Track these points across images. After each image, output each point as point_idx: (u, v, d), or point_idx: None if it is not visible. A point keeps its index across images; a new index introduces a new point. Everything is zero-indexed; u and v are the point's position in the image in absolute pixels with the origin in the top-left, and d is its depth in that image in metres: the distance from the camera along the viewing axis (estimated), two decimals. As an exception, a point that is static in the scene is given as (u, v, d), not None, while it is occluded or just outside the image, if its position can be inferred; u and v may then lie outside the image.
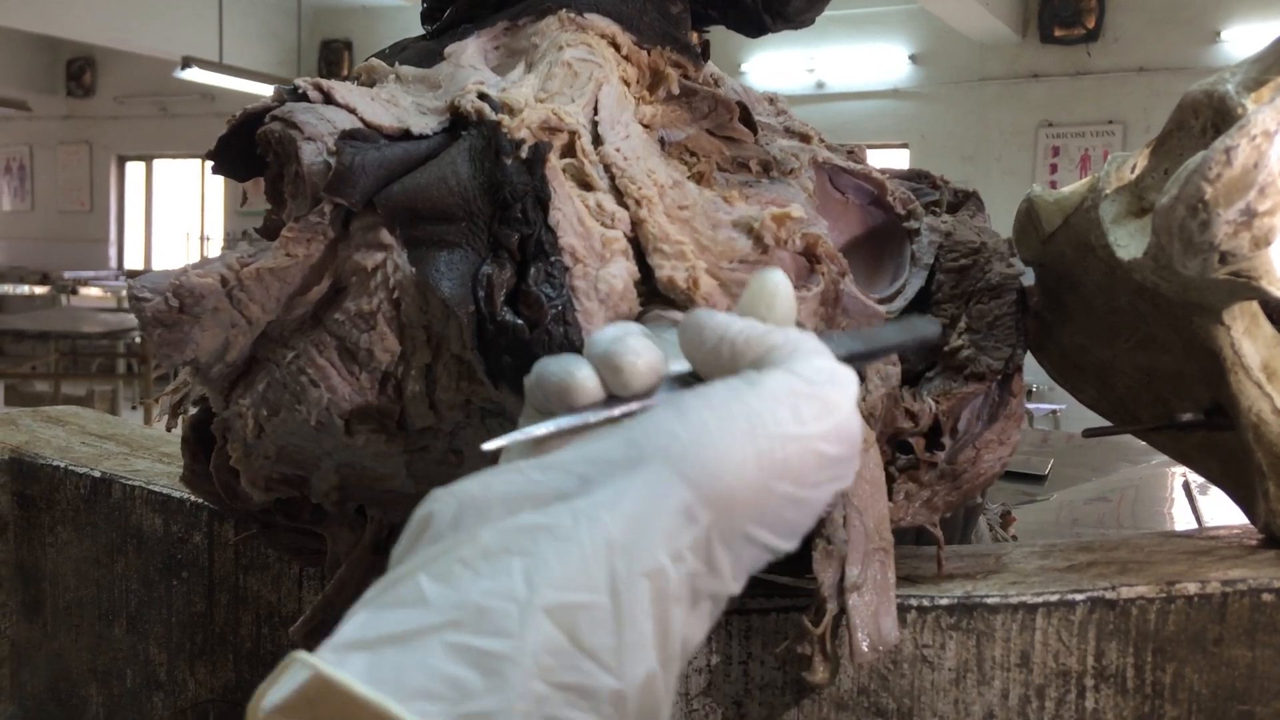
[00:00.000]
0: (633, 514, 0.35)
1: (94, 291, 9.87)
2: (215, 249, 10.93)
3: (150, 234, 11.66)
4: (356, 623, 0.34)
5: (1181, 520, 1.67)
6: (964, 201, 0.83)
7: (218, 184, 10.83)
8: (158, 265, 11.32)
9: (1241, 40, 7.89)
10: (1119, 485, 1.92)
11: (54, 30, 8.49)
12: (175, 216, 11.50)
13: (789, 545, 0.39)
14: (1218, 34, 8.00)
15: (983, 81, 8.71)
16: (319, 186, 0.62)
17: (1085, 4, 8.40)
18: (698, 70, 0.74)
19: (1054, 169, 8.63)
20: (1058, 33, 8.47)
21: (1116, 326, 0.74)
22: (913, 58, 8.86)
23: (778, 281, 0.44)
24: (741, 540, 0.37)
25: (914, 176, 0.84)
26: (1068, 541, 0.80)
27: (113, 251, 11.49)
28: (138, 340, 6.89)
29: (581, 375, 0.41)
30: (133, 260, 11.58)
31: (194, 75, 7.50)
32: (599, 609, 0.33)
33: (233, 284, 0.62)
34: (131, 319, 7.19)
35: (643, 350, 0.41)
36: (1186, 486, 1.82)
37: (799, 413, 0.38)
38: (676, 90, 0.71)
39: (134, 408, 7.63)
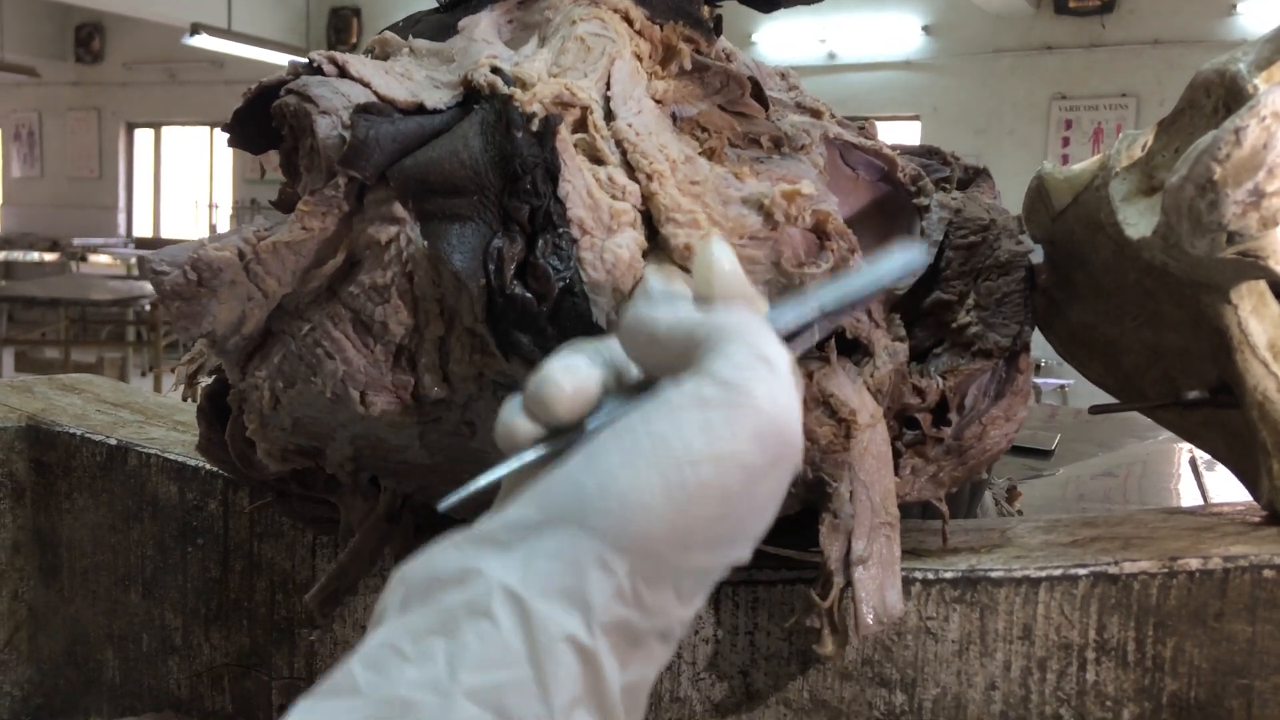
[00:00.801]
0: (544, 580, 0.34)
1: (103, 259, 9.89)
2: (224, 216, 10.94)
3: (159, 201, 11.66)
4: (296, 713, 0.34)
5: (1188, 496, 1.67)
6: (974, 178, 0.84)
7: (226, 151, 10.79)
8: (166, 232, 11.34)
9: (1257, 12, 7.82)
10: (1125, 461, 1.93)
11: (64, -3, 8.48)
12: (184, 183, 11.49)
13: (740, 555, 0.37)
14: (1233, 6, 7.93)
15: (996, 53, 8.65)
16: (334, 160, 0.63)
17: (1100, -25, 8.33)
18: (710, 45, 0.74)
19: (1066, 142, 8.58)
20: (1072, 4, 8.40)
21: (1124, 304, 0.75)
22: (926, 29, 8.80)
23: (713, 253, 0.40)
24: (675, 572, 0.35)
25: (924, 153, 0.85)
26: (1072, 517, 0.81)
27: (122, 218, 11.49)
28: (147, 308, 6.91)
29: (514, 422, 0.40)
30: (142, 227, 11.58)
31: (202, 42, 7.48)
32: (523, 682, 0.33)
33: (250, 257, 0.63)
34: (141, 286, 7.20)
35: (563, 378, 0.39)
36: (1193, 463, 1.83)
37: (709, 427, 0.35)
38: (689, 65, 0.71)
39: (143, 374, 7.66)
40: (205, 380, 0.81)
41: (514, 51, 0.71)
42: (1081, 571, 0.67)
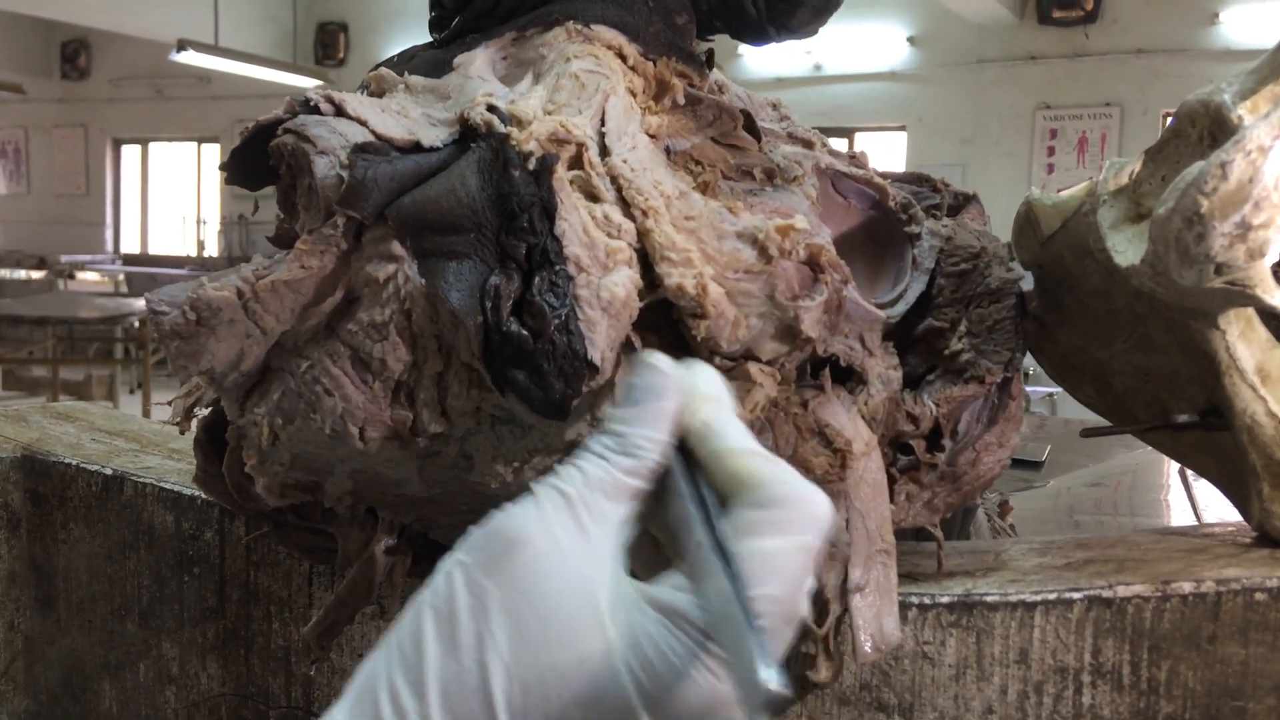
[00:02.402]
0: None
1: (91, 276, 9.86)
2: (212, 232, 10.93)
3: (146, 217, 11.65)
4: None
5: (1177, 507, 1.68)
6: (964, 205, 0.84)
7: (213, 168, 10.80)
8: (154, 249, 11.32)
9: (1239, 21, 7.88)
10: (1115, 472, 1.94)
11: (48, 13, 8.47)
12: (171, 199, 11.48)
13: None
14: (1216, 16, 7.99)
15: (980, 63, 8.70)
16: (332, 199, 0.63)
17: (1083, -15, 8.39)
18: (702, 80, 0.75)
19: (1051, 151, 8.63)
20: (1055, 14, 8.46)
21: (1114, 328, 0.76)
22: (911, 39, 8.85)
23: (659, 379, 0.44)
24: None
25: (915, 180, 0.85)
26: (1065, 539, 0.81)
27: (109, 235, 11.48)
28: (136, 325, 6.89)
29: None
30: (129, 244, 11.57)
31: (189, 58, 7.48)
32: None
33: (248, 296, 0.64)
34: (130, 304, 7.19)
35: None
36: (1183, 474, 1.84)
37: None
38: (682, 100, 0.72)
39: (131, 392, 7.64)
40: (202, 412, 0.81)
41: (509, 89, 0.72)
42: (1076, 595, 0.68)
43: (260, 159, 0.69)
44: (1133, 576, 0.69)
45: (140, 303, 7.10)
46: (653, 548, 0.46)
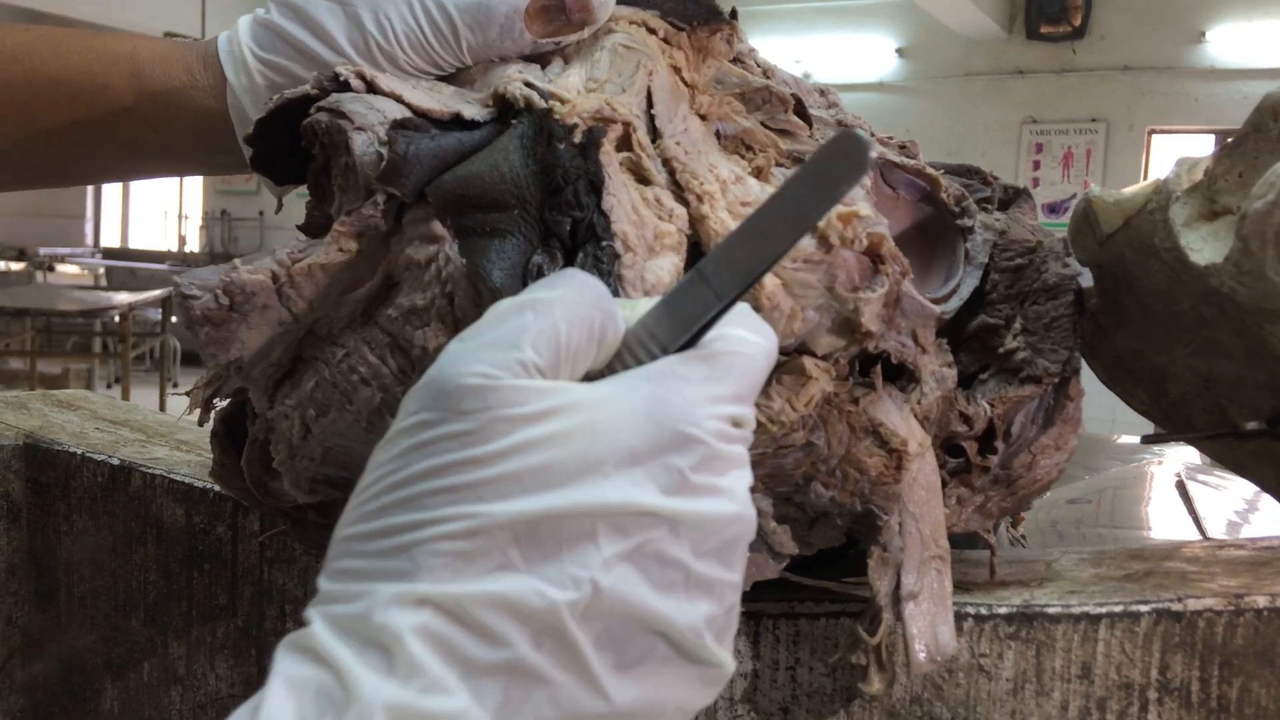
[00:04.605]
0: None
1: (70, 269, 9.77)
2: (194, 227, 10.84)
3: (127, 211, 11.54)
4: None
5: (1158, 519, 1.66)
6: (1014, 198, 0.82)
7: (197, 162, 10.69)
8: (135, 243, 11.22)
9: (1226, 41, 7.94)
10: (1100, 487, 1.91)
11: (33, 4, 8.37)
12: (153, 193, 11.38)
13: None
14: (1203, 34, 8.05)
15: (968, 76, 8.73)
16: (371, 178, 0.60)
17: (1071, 1, 8.44)
18: (735, 32, 0.72)
19: (1037, 165, 8.66)
20: (1044, 29, 8.50)
21: (1176, 331, 0.73)
22: (899, 51, 8.87)
23: None
24: None
25: (964, 172, 0.82)
26: (1116, 549, 0.78)
27: (89, 228, 11.37)
28: (116, 319, 6.81)
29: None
30: (109, 237, 11.46)
31: (176, 51, 7.39)
32: None
33: (283, 280, 0.60)
34: (109, 297, 7.11)
35: None
36: (1181, 488, 1.82)
37: None
38: (731, 56, 0.70)
39: (109, 386, 7.56)
40: (221, 403, 0.77)
41: (542, 70, 0.69)
42: (1144, 608, 0.65)
43: (283, 147, 0.65)
44: (1201, 590, 0.66)
45: (120, 297, 7.02)
46: None
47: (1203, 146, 7.78)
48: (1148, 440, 0.79)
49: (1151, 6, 8.17)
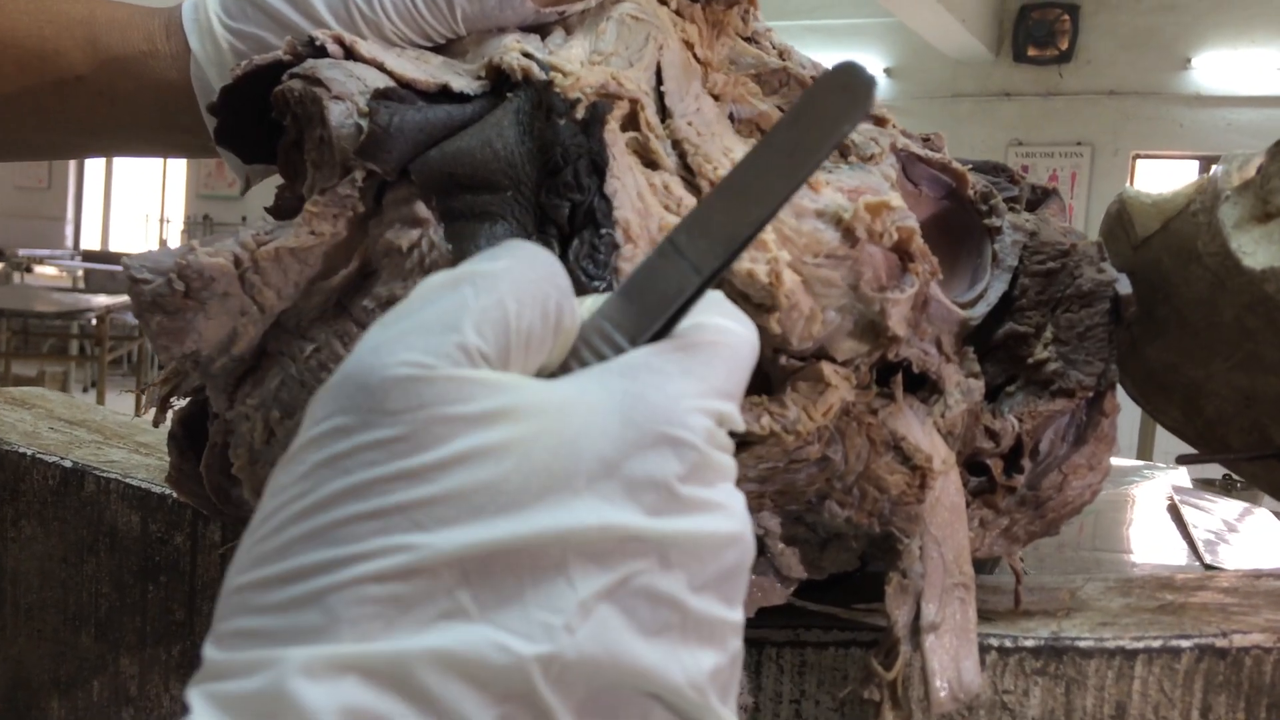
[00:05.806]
0: None
1: (49, 270, 9.66)
2: (175, 231, 10.74)
3: (108, 214, 11.44)
4: None
5: (1141, 542, 1.62)
6: (1043, 199, 0.76)
7: (179, 166, 10.62)
8: (115, 246, 11.11)
9: (1211, 67, 7.98)
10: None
11: (16, 1, 8.28)
12: (135, 197, 11.28)
13: None
14: (1188, 60, 8.09)
15: (955, 98, 8.74)
16: (349, 153, 0.54)
17: (1059, 25, 8.48)
18: (753, 6, 0.67)
19: (1023, 188, 8.65)
20: (1031, 52, 8.52)
21: (1215, 344, 0.68)
22: (887, 71, 8.88)
23: None
24: None
25: (990, 169, 0.77)
26: (1144, 576, 0.73)
27: (69, 230, 11.26)
28: (93, 322, 6.71)
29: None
30: (89, 240, 11.35)
31: (160, 53, 7.31)
32: None
33: (246, 266, 0.54)
34: (87, 300, 7.01)
35: None
36: (1174, 511, 1.77)
37: None
38: (747, 34, 0.64)
39: (85, 390, 7.45)
40: (179, 403, 0.71)
41: (542, 41, 0.63)
42: (1185, 644, 0.60)
43: (251, 119, 0.59)
44: (1246, 624, 0.61)
45: (97, 299, 6.93)
46: None
47: (1187, 172, 7.80)
48: (1183, 460, 0.74)
49: (1138, 32, 8.20)
